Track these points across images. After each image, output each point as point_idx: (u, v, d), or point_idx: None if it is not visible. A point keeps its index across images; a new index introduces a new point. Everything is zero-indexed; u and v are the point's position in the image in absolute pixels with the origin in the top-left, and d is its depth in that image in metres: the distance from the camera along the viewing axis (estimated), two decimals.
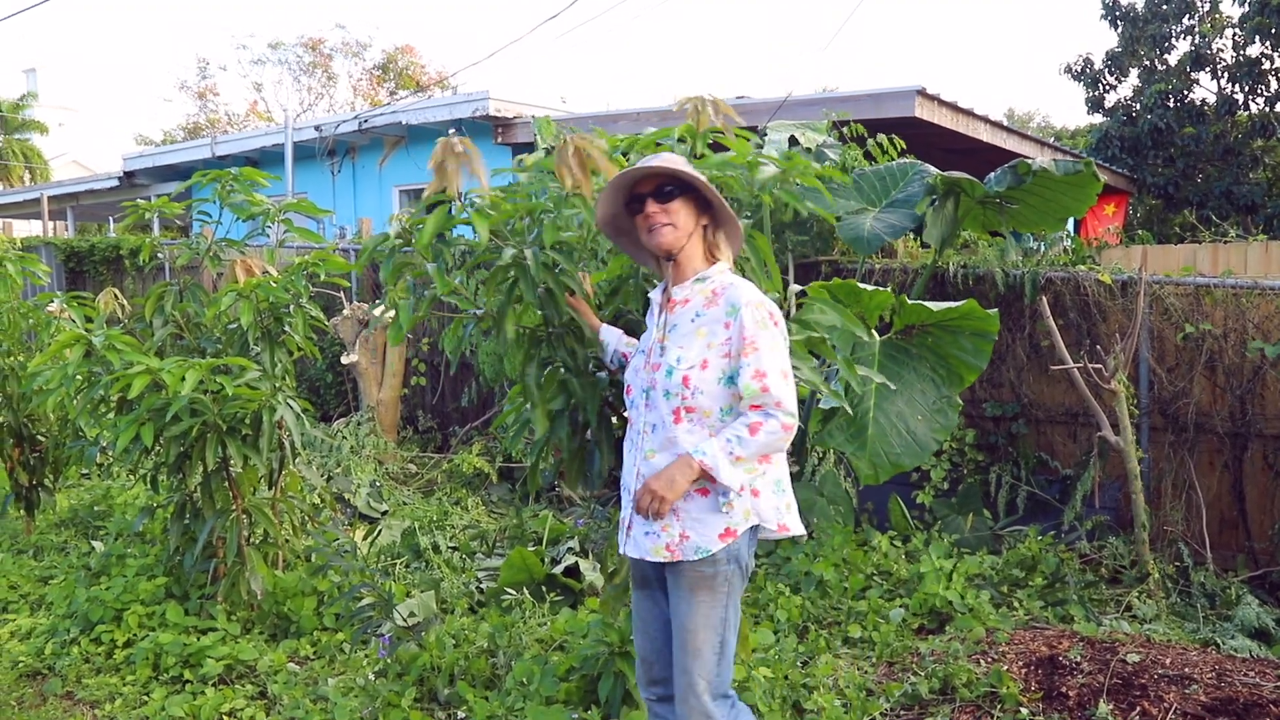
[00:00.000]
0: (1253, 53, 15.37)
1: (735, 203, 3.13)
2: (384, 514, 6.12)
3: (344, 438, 7.07)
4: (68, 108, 37.59)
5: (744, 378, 2.43)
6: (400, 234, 3.01)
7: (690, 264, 2.60)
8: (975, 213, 5.59)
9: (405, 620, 4.19)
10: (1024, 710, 3.44)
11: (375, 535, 5.57)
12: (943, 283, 5.92)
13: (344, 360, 7.63)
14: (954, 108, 9.29)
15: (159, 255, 9.60)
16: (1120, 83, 16.91)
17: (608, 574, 3.40)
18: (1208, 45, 15.81)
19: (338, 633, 4.33)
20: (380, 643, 4.04)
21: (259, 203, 4.53)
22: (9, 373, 5.47)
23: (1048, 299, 5.40)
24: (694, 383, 2.47)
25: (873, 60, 67.17)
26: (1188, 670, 3.58)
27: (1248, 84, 15.43)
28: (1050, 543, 5.06)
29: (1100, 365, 4.92)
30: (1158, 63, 16.55)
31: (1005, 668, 3.71)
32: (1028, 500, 5.67)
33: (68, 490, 6.81)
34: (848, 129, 6.76)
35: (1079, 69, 17.06)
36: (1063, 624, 4.31)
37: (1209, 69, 16.03)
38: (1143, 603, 4.55)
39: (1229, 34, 15.79)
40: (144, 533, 5.28)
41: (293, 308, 4.40)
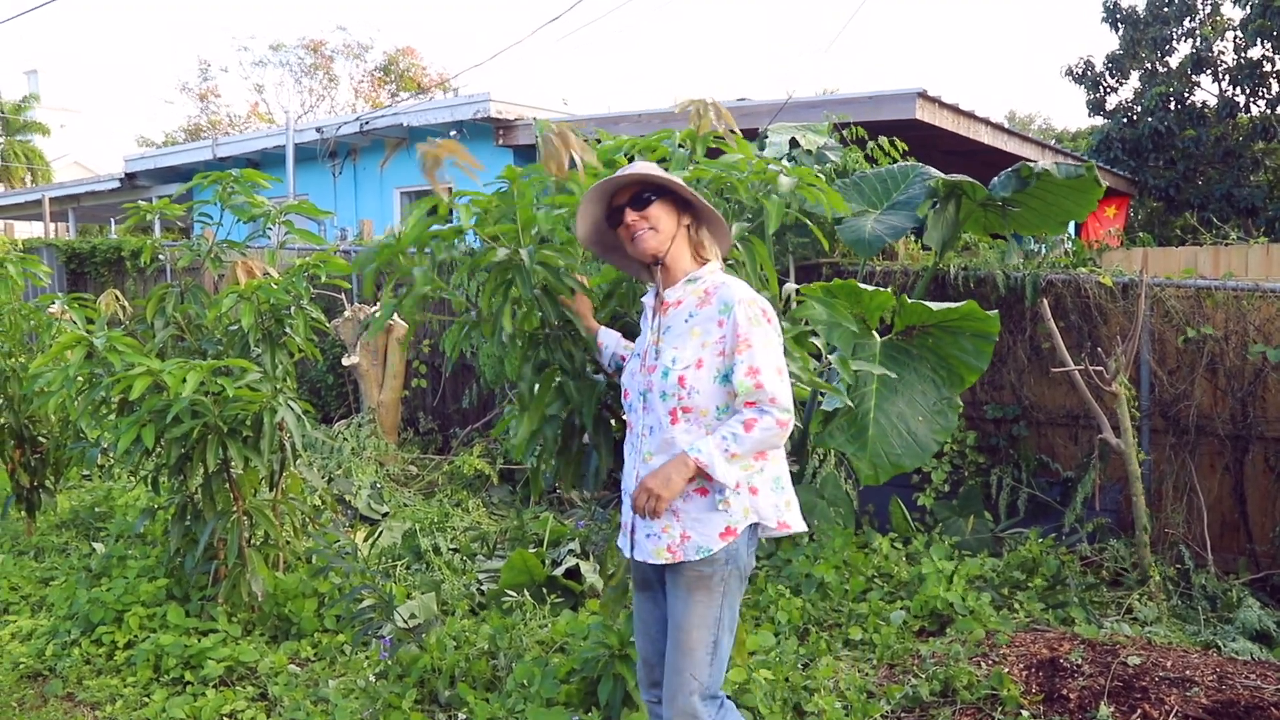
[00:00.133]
0: (1254, 55, 15.37)
1: (738, 205, 3.13)
2: (385, 516, 6.12)
3: (345, 439, 7.07)
4: (69, 109, 37.62)
5: (738, 375, 2.44)
6: (389, 244, 3.01)
7: (678, 265, 2.61)
8: (977, 215, 5.59)
9: (406, 622, 4.19)
10: (1025, 712, 3.44)
11: (376, 537, 5.57)
12: (944, 285, 5.92)
13: (345, 362, 7.64)
14: (955, 110, 9.30)
15: (160, 257, 9.60)
16: (1121, 85, 16.92)
17: (607, 576, 3.40)
18: (1209, 48, 15.81)
19: (338, 634, 4.33)
20: (381, 644, 4.04)
21: (260, 204, 4.53)
22: (10, 374, 5.48)
23: (1049, 301, 5.40)
24: (690, 382, 2.48)
25: (873, 62, 67.23)
26: (1189, 673, 3.58)
27: (1249, 87, 15.43)
28: (1051, 545, 5.06)
29: (1101, 368, 4.92)
30: (1159, 65, 16.55)
31: (1006, 670, 3.71)
32: (1029, 502, 5.67)
33: (69, 492, 6.81)
34: (848, 131, 6.77)
35: (1080, 71, 17.06)
36: (1064, 626, 4.31)
37: (1210, 71, 16.03)
38: (1144, 605, 4.55)
39: (1230, 36, 15.79)
40: (145, 534, 5.28)
41: (294, 309, 4.40)
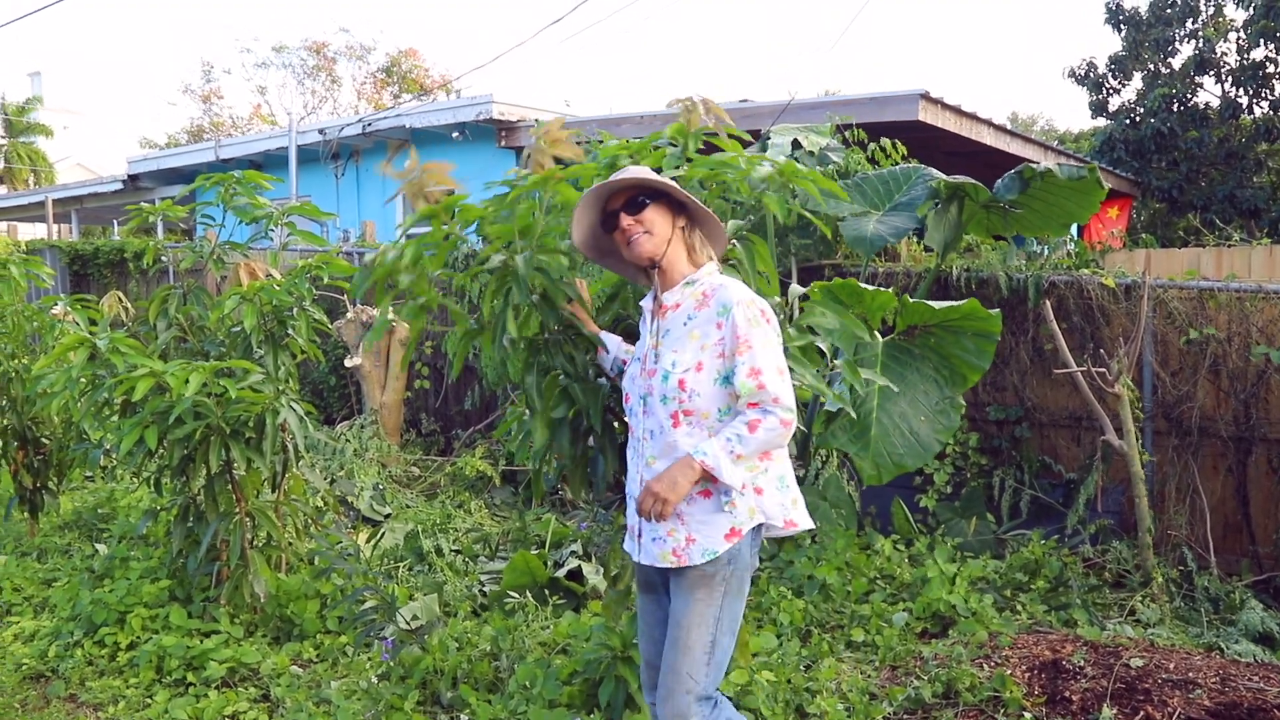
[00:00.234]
0: (1257, 56, 15.35)
1: (737, 205, 3.13)
2: (387, 517, 6.12)
3: (347, 441, 7.07)
4: (73, 111, 37.70)
5: (740, 376, 2.43)
6: (384, 264, 3.01)
7: (675, 268, 2.61)
8: (979, 217, 5.58)
9: (408, 623, 4.19)
10: (1027, 714, 3.43)
11: (378, 538, 5.57)
12: (946, 286, 5.92)
13: (347, 363, 7.64)
14: (957, 111, 9.30)
15: (163, 258, 9.62)
16: (1124, 86, 16.90)
17: (610, 578, 3.39)
18: (1211, 49, 15.79)
19: (341, 636, 4.33)
20: (383, 646, 4.04)
21: (262, 206, 4.54)
22: (13, 375, 5.49)
23: (1051, 303, 5.40)
24: (690, 385, 2.47)
25: (876, 63, 67.24)
26: (1191, 675, 3.57)
27: (1252, 88, 15.41)
28: (1053, 547, 5.05)
29: (1104, 369, 4.92)
30: (1161, 66, 16.54)
31: (1008, 672, 3.70)
32: (1031, 504, 5.66)
33: (71, 493, 6.82)
34: (851, 133, 6.77)
35: (1082, 73, 17.05)
36: (1066, 628, 4.30)
37: (1213, 73, 16.01)
38: (1146, 607, 4.54)
39: (1233, 38, 15.77)
40: (147, 535, 5.29)
41: (296, 311, 4.41)
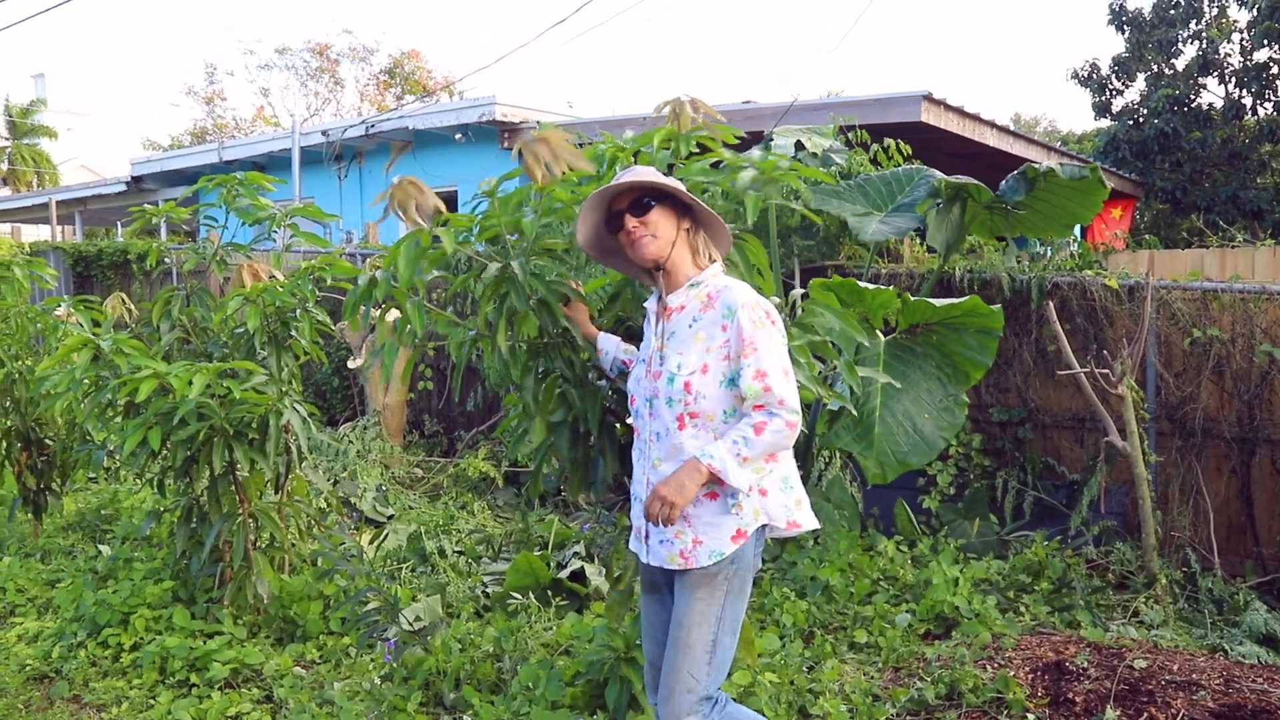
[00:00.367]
0: (1260, 58, 15.33)
1: (740, 207, 3.13)
2: (390, 518, 6.12)
3: (350, 442, 7.08)
4: (76, 112, 37.78)
5: (745, 378, 2.43)
6: (372, 279, 3.01)
7: (680, 270, 2.61)
8: (982, 218, 5.58)
9: (411, 624, 4.19)
10: (1030, 716, 3.43)
11: (381, 539, 5.58)
12: (949, 287, 5.92)
13: (350, 364, 7.65)
14: (960, 112, 9.29)
15: (166, 260, 9.63)
16: (1127, 87, 16.87)
17: (613, 579, 3.39)
18: (1215, 50, 15.77)
19: (344, 637, 4.34)
20: (386, 647, 4.04)
21: (265, 207, 4.55)
22: (17, 377, 5.49)
23: (1054, 304, 5.39)
24: (696, 388, 2.47)
25: (878, 64, 67.20)
26: (1195, 676, 3.56)
27: (1255, 89, 15.39)
28: (1057, 548, 5.05)
29: (1107, 370, 4.91)
30: (1165, 68, 16.52)
31: (1012, 673, 3.69)
32: (1034, 505, 5.66)
33: (75, 494, 6.82)
34: (854, 134, 6.77)
35: (1085, 74, 17.03)
36: (1069, 630, 4.30)
37: (1216, 74, 15.99)
38: (1150, 608, 4.54)
39: (1236, 39, 15.75)
40: (151, 536, 5.29)
41: (299, 312, 4.41)
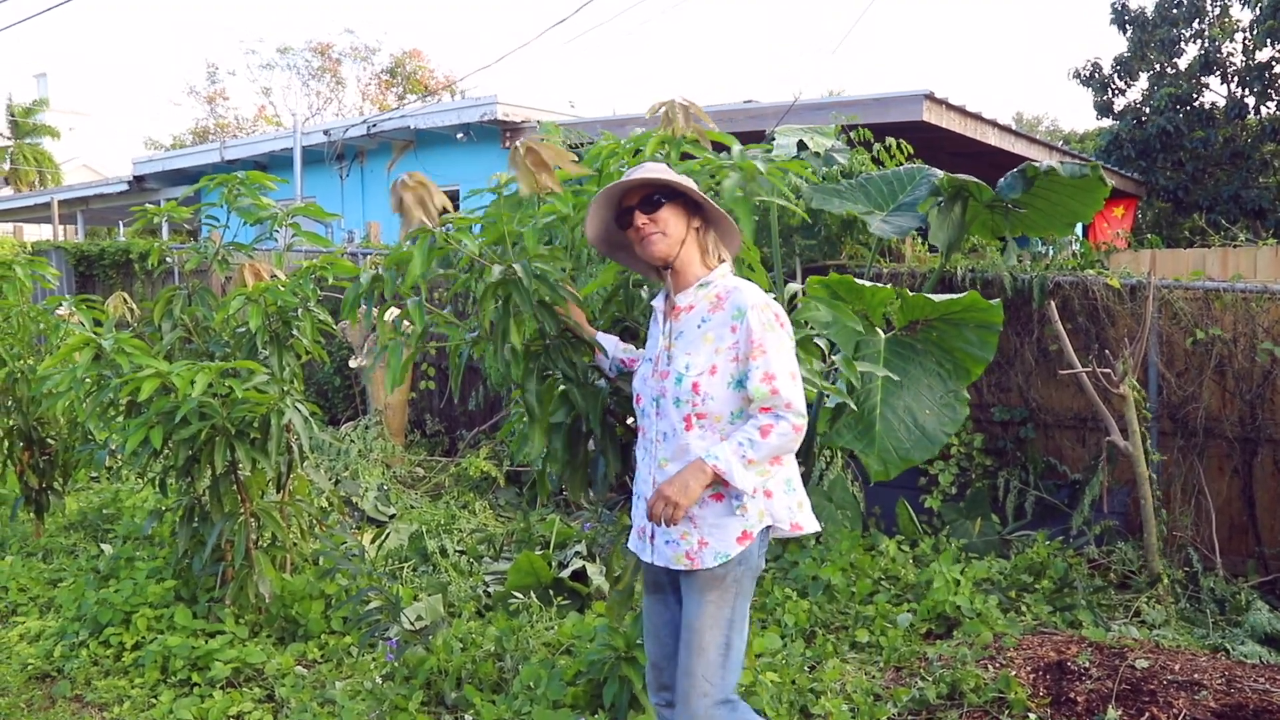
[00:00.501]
0: (1263, 57, 15.31)
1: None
2: (392, 517, 6.13)
3: (352, 441, 7.08)
4: (79, 112, 37.81)
5: (753, 380, 2.43)
6: (375, 277, 3.02)
7: (689, 269, 2.60)
8: (984, 217, 5.58)
9: (412, 624, 4.19)
10: (1032, 716, 3.42)
11: (383, 539, 5.58)
12: (951, 287, 5.91)
13: (352, 364, 7.65)
14: (962, 112, 9.29)
15: (168, 259, 9.63)
16: (1129, 87, 16.85)
17: (613, 578, 3.39)
18: (1217, 49, 15.75)
19: (345, 636, 4.34)
20: (387, 646, 4.04)
21: (267, 207, 4.54)
22: (19, 376, 5.50)
23: (1056, 303, 5.39)
24: (704, 389, 2.47)
25: (880, 64, 67.16)
26: (1197, 676, 3.56)
27: (1257, 88, 15.37)
28: (1058, 548, 5.05)
29: (1109, 370, 4.91)
30: (1167, 67, 16.50)
31: (1013, 673, 3.69)
32: (1036, 505, 5.66)
33: (77, 493, 6.83)
34: (855, 133, 6.77)
35: (1088, 73, 17.01)
36: (1071, 629, 4.29)
37: (1219, 73, 15.97)
38: (1152, 608, 4.54)
39: (1239, 38, 15.73)
40: (153, 536, 5.29)
41: (301, 311, 4.41)
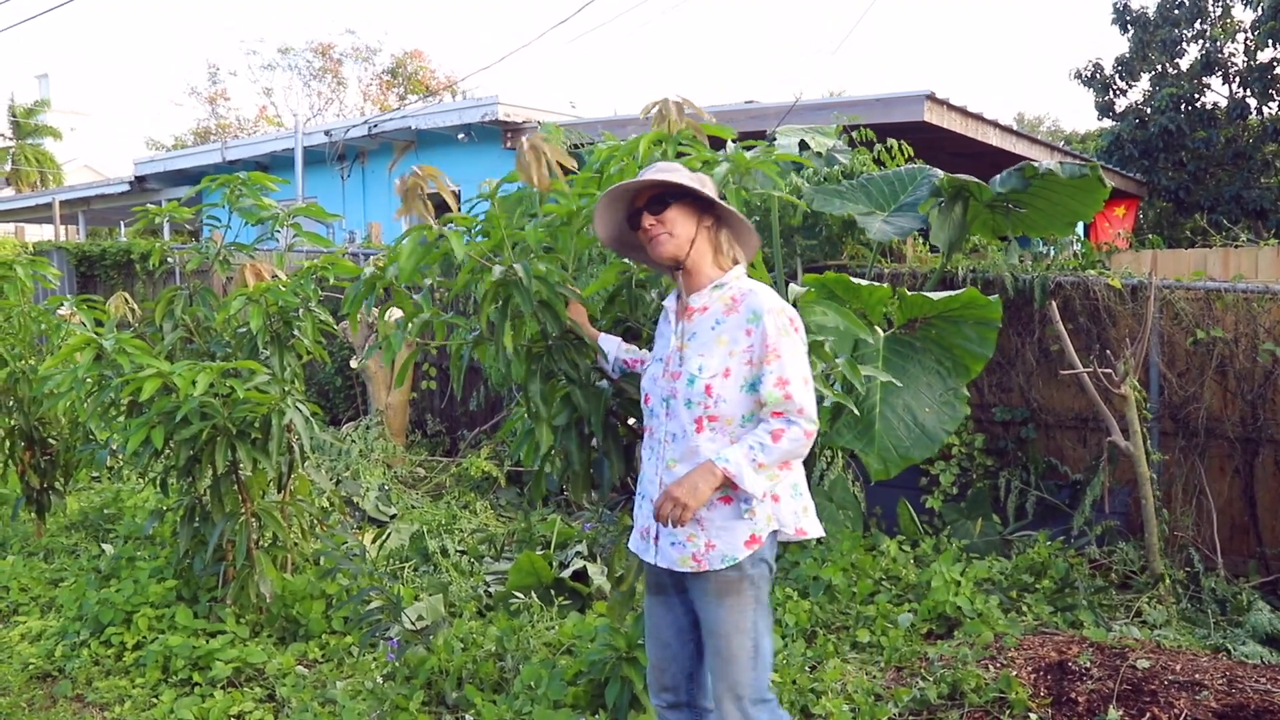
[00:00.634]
0: (1264, 58, 15.31)
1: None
2: (392, 517, 6.13)
3: (353, 441, 7.09)
4: (80, 112, 37.83)
5: (767, 385, 2.42)
6: (376, 273, 3.02)
7: (701, 269, 2.59)
8: (984, 217, 5.58)
9: (413, 623, 4.19)
10: (1033, 716, 3.42)
11: (384, 539, 5.58)
12: (951, 287, 5.89)
13: (353, 364, 7.66)
14: (963, 112, 9.28)
15: (169, 260, 9.64)
16: (1131, 87, 16.85)
17: (614, 578, 3.39)
18: (1219, 50, 15.75)
19: (346, 636, 4.34)
20: (388, 646, 4.04)
21: (268, 207, 4.55)
22: (20, 376, 5.50)
23: (1057, 303, 5.39)
24: (717, 391, 2.46)
25: (881, 65, 67.14)
26: (1198, 676, 3.56)
27: (1259, 89, 15.37)
28: (1059, 548, 5.04)
29: (1110, 370, 4.90)
30: (1168, 67, 16.50)
31: (1014, 673, 3.69)
32: (1037, 505, 5.65)
33: (78, 493, 6.83)
34: (857, 133, 6.77)
35: (1089, 74, 17.01)
36: (1072, 629, 4.29)
37: (1220, 73, 15.97)
38: (1153, 608, 4.53)
39: (1240, 39, 15.73)
40: (154, 536, 5.30)
41: (302, 312, 4.41)
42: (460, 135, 11.92)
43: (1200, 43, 16.13)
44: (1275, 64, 15.21)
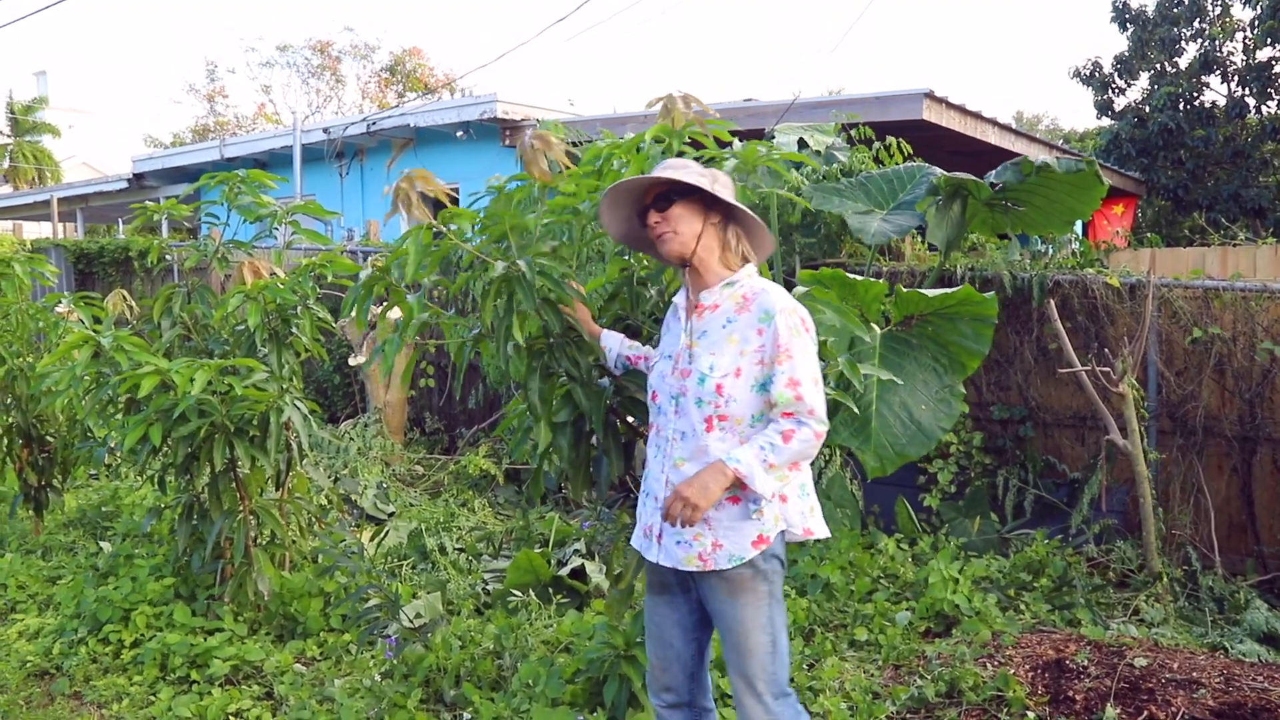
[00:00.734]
0: (1263, 56, 15.31)
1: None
2: (391, 515, 6.13)
3: (351, 439, 7.08)
4: (78, 110, 37.76)
5: (778, 385, 2.41)
6: (376, 274, 3.01)
7: (710, 267, 2.57)
8: (983, 215, 5.58)
9: (411, 621, 4.19)
10: (1030, 714, 3.43)
11: (382, 536, 5.58)
12: (950, 285, 5.89)
13: (351, 362, 7.66)
14: (962, 110, 9.28)
15: (167, 257, 9.57)
16: (1129, 85, 16.85)
17: (613, 577, 3.39)
18: (1218, 49, 15.75)
19: (344, 634, 4.34)
20: (386, 644, 4.04)
21: (267, 205, 4.54)
22: (18, 373, 5.50)
23: (1055, 302, 5.39)
24: (728, 390, 2.45)
25: (879, 63, 67.13)
26: (1195, 675, 3.56)
27: (1258, 88, 15.37)
28: (1057, 546, 5.05)
29: (1108, 368, 4.91)
30: (1167, 66, 16.50)
31: (1012, 671, 3.70)
32: (1035, 503, 5.66)
33: (76, 491, 6.83)
34: (856, 131, 6.76)
35: (1088, 72, 17.00)
36: (1070, 628, 4.30)
37: (1219, 72, 15.97)
38: (1150, 607, 4.54)
39: (1239, 37, 15.73)
40: (152, 533, 5.30)
41: (300, 309, 4.41)
42: (459, 133, 11.92)
43: (1199, 41, 16.13)
44: (1274, 63, 15.21)
